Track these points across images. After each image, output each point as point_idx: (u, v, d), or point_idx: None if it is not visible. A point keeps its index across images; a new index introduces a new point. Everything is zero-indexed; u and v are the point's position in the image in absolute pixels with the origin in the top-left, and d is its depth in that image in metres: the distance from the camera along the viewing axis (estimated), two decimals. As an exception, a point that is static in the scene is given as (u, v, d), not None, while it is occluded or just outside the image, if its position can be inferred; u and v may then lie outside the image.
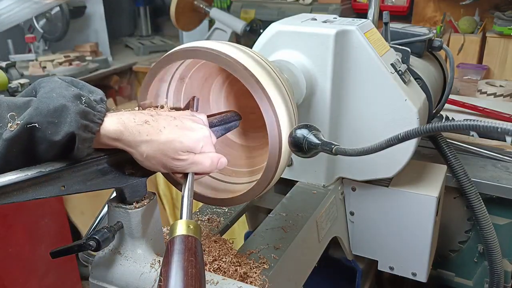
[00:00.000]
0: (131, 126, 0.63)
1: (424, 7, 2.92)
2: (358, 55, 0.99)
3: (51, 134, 0.57)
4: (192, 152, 0.67)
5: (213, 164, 0.70)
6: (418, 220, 1.13)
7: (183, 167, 0.68)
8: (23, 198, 0.58)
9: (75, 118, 0.58)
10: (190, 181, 0.68)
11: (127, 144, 0.64)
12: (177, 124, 0.67)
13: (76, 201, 2.44)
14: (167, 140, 0.65)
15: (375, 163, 1.06)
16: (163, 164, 0.66)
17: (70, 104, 0.58)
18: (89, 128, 0.60)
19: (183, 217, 0.62)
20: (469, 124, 0.51)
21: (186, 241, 0.57)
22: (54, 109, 0.57)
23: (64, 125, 0.57)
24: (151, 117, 0.66)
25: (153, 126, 0.65)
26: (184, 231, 0.58)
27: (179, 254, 0.56)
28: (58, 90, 0.59)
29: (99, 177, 0.67)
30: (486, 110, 1.76)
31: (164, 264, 0.56)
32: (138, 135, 0.64)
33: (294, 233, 0.93)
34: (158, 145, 0.64)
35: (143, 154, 0.65)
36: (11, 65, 2.30)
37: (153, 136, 0.64)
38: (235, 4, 3.13)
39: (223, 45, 0.73)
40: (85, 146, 0.60)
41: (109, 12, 3.26)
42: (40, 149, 0.58)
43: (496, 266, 1.29)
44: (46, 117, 0.57)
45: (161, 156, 0.65)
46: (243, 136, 0.92)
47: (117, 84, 3.12)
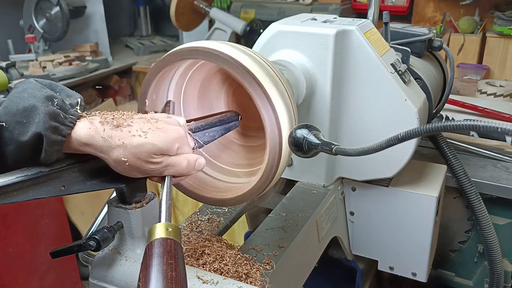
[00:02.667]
0: (102, 131, 0.61)
1: (424, 7, 2.92)
2: (358, 55, 0.99)
3: (19, 134, 0.56)
4: (167, 155, 0.65)
5: (190, 165, 0.68)
6: (418, 220, 1.13)
7: (159, 170, 0.65)
8: (23, 198, 0.58)
9: (43, 118, 0.56)
10: (168, 184, 0.66)
11: (98, 150, 0.62)
12: (150, 127, 0.64)
13: (76, 201, 2.44)
14: (139, 143, 0.62)
15: (375, 163, 1.06)
16: (137, 169, 0.64)
17: (40, 105, 0.57)
18: (58, 130, 0.58)
19: (161, 220, 0.60)
20: (469, 124, 0.51)
21: (165, 244, 0.56)
22: (23, 109, 0.56)
23: (31, 125, 0.56)
24: (123, 121, 0.63)
25: (126, 129, 0.63)
26: (163, 234, 0.57)
27: (158, 257, 0.54)
28: (31, 91, 0.58)
29: (99, 177, 0.67)
30: (486, 110, 1.76)
31: (143, 269, 0.54)
32: (109, 139, 0.61)
33: (294, 233, 0.93)
34: (130, 149, 0.62)
35: (116, 159, 0.62)
36: (11, 65, 2.30)
37: (125, 140, 0.62)
38: (235, 4, 3.13)
39: (223, 45, 0.73)
40: (54, 149, 0.59)
41: (109, 12, 3.26)
42: (8, 150, 0.57)
43: (496, 266, 1.29)
44: (14, 117, 0.56)
45: (135, 160, 0.63)
46: (243, 136, 0.92)
47: (117, 84, 3.12)
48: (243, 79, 0.70)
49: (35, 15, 2.91)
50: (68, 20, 2.86)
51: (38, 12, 2.91)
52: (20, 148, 0.57)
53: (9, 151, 0.57)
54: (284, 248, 0.88)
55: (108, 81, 3.05)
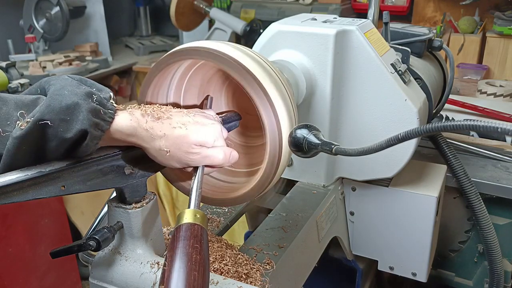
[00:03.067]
0: (144, 122, 0.65)
1: (424, 7, 2.92)
2: (358, 55, 0.99)
3: (63, 131, 0.57)
4: (205, 146, 0.69)
5: (225, 157, 0.71)
6: (418, 220, 1.13)
7: (197, 161, 0.69)
8: (23, 198, 0.58)
9: (87, 116, 0.58)
10: (200, 173, 0.69)
11: (141, 140, 0.65)
12: (189, 120, 0.68)
13: (76, 201, 2.44)
14: (181, 134, 0.66)
15: (375, 163, 1.06)
16: (177, 159, 0.68)
17: (82, 102, 0.58)
18: (100, 126, 0.60)
19: (191, 207, 0.63)
20: (469, 124, 0.51)
21: (192, 229, 0.58)
22: (67, 107, 0.57)
23: (76, 122, 0.58)
24: (163, 114, 0.67)
25: (166, 122, 0.66)
26: (191, 220, 0.59)
27: (185, 240, 0.56)
28: (70, 88, 0.59)
29: (99, 177, 0.67)
30: (486, 110, 1.76)
31: (169, 249, 0.56)
32: (152, 130, 0.65)
33: (294, 233, 0.93)
34: (172, 140, 0.66)
35: (158, 149, 0.66)
36: (11, 65, 2.30)
37: (167, 131, 0.66)
38: (235, 4, 3.13)
39: (223, 45, 0.73)
40: (94, 143, 0.61)
41: (109, 12, 3.26)
42: (50, 146, 0.58)
43: (496, 266, 1.29)
44: (58, 114, 0.57)
45: (175, 151, 0.66)
46: (243, 136, 0.92)
47: (117, 84, 3.12)
48: (243, 80, 0.70)
49: (35, 15, 2.91)
50: (68, 20, 2.86)
51: (38, 12, 2.91)
52: (62, 144, 0.58)
53: (50, 147, 0.58)
54: (284, 248, 0.88)
55: (108, 81, 3.05)
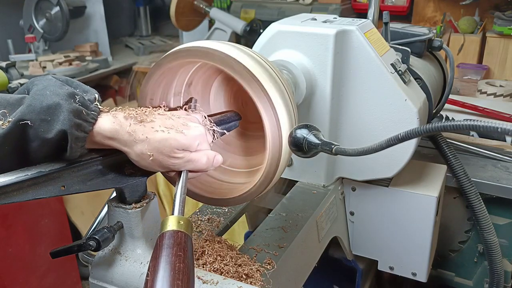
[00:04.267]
0: (127, 125, 0.64)
1: (424, 7, 2.92)
2: (358, 55, 0.99)
3: (44, 131, 0.57)
4: (187, 150, 0.67)
5: (209, 161, 0.70)
6: (418, 220, 1.13)
7: (179, 165, 0.68)
8: (23, 198, 0.58)
9: (68, 116, 0.58)
10: (184, 179, 0.68)
11: (122, 143, 0.64)
12: (172, 123, 0.67)
13: (76, 201, 2.44)
14: (163, 138, 0.65)
15: (375, 163, 1.06)
16: (159, 163, 0.66)
17: (64, 102, 0.58)
18: (82, 127, 0.60)
19: (174, 213, 0.62)
20: (469, 124, 0.51)
21: (175, 236, 0.57)
22: (47, 107, 0.57)
23: (56, 123, 0.57)
24: (146, 117, 0.66)
25: (149, 125, 0.65)
26: (174, 227, 0.59)
27: (168, 248, 0.56)
28: (52, 88, 0.59)
29: (99, 177, 0.67)
30: (486, 110, 1.76)
31: (152, 258, 0.56)
32: (134, 134, 0.64)
33: (294, 233, 0.93)
34: (154, 144, 0.64)
35: (139, 153, 0.65)
36: (11, 65, 2.30)
37: (149, 135, 0.64)
38: (235, 4, 3.13)
39: (223, 45, 0.73)
40: (78, 145, 0.60)
41: (109, 12, 3.26)
42: (32, 147, 0.58)
43: (496, 266, 1.29)
44: (39, 115, 0.57)
45: (157, 155, 0.65)
46: (243, 136, 0.92)
47: (117, 84, 3.12)
48: (243, 79, 0.70)
49: (35, 15, 2.91)
50: (68, 20, 2.86)
51: (38, 12, 2.91)
52: (44, 145, 0.58)
53: (32, 148, 0.58)
54: (284, 248, 0.88)
55: (108, 81, 3.05)
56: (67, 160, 0.62)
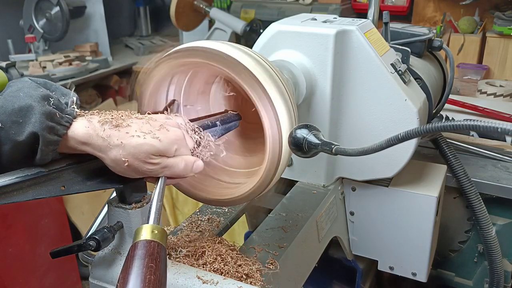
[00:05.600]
0: (101, 130, 0.61)
1: (424, 7, 2.92)
2: (358, 55, 0.99)
3: (15, 134, 0.56)
4: (164, 156, 0.65)
5: (187, 167, 0.68)
6: (418, 220, 1.13)
7: (156, 171, 0.65)
8: (23, 198, 0.58)
9: (40, 118, 0.56)
10: (161, 185, 0.66)
11: (96, 149, 0.62)
12: (149, 128, 0.65)
13: (76, 201, 2.44)
14: (138, 143, 0.62)
15: (375, 163, 1.06)
16: (135, 169, 0.64)
17: (36, 104, 0.57)
18: (54, 130, 0.58)
19: (149, 222, 0.60)
20: (469, 124, 0.51)
21: (148, 247, 0.56)
22: (19, 108, 0.56)
23: (28, 125, 0.56)
24: (122, 121, 0.64)
25: (124, 130, 0.63)
26: (148, 236, 0.57)
27: (139, 259, 0.54)
28: (26, 90, 0.58)
29: (99, 177, 0.67)
30: (486, 110, 1.76)
31: (123, 270, 0.54)
32: (108, 139, 0.61)
33: (294, 233, 0.93)
34: (129, 150, 0.62)
35: (114, 159, 0.62)
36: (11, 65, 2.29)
37: (124, 140, 0.62)
38: (235, 4, 3.13)
39: (223, 45, 0.72)
40: (50, 149, 0.59)
41: (109, 12, 3.26)
42: (4, 150, 0.57)
43: (496, 266, 1.29)
44: (10, 116, 0.56)
45: (133, 160, 0.63)
46: (243, 136, 0.92)
47: (117, 84, 3.12)
48: (243, 80, 0.70)
49: (35, 15, 2.91)
50: (68, 20, 2.86)
51: (38, 12, 2.91)
52: (16, 147, 0.57)
53: (4, 151, 0.57)
54: (284, 248, 0.88)
55: (108, 81, 3.05)
56: (38, 165, 0.60)
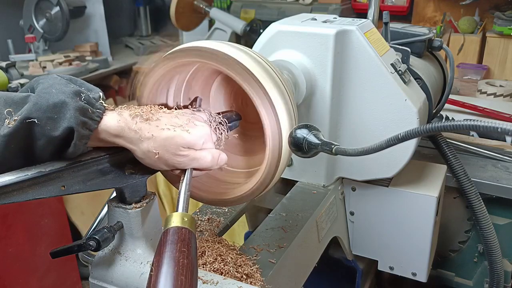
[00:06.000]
0: (133, 123, 0.64)
1: (424, 7, 2.92)
2: (358, 55, 0.99)
3: (50, 129, 0.57)
4: (193, 149, 0.68)
5: (214, 159, 0.70)
6: (418, 220, 1.13)
7: (185, 163, 0.68)
8: (23, 198, 0.58)
9: (74, 114, 0.58)
10: (189, 176, 0.69)
11: (128, 141, 0.65)
12: (178, 121, 0.68)
13: (76, 201, 2.44)
14: (168, 136, 0.65)
15: (375, 163, 1.06)
16: (165, 161, 0.67)
17: (70, 100, 0.59)
18: (87, 125, 0.60)
19: (178, 210, 0.63)
20: (469, 124, 0.51)
21: (179, 233, 0.58)
22: (54, 105, 0.58)
23: (63, 120, 0.58)
24: (152, 115, 0.66)
25: (154, 123, 0.65)
26: (179, 223, 0.59)
27: (172, 244, 0.56)
28: (58, 86, 0.60)
29: (99, 177, 0.67)
30: (486, 110, 1.76)
31: (157, 254, 0.56)
32: (140, 132, 0.64)
33: (294, 233, 0.93)
34: (159, 142, 0.65)
35: (145, 151, 0.65)
36: (11, 65, 2.29)
37: (155, 132, 0.65)
38: (235, 4, 3.13)
39: (223, 45, 0.73)
40: (82, 143, 0.61)
41: (109, 12, 3.26)
42: (38, 144, 0.58)
43: (496, 266, 1.29)
44: (45, 113, 0.57)
45: (163, 153, 0.65)
46: (243, 136, 0.92)
47: (117, 84, 3.12)
48: (243, 80, 0.70)
49: (35, 15, 2.91)
50: (68, 20, 2.86)
51: (38, 12, 2.91)
52: (50, 142, 0.58)
53: (39, 145, 0.58)
54: (284, 248, 0.88)
55: (108, 81, 3.05)
56: (68, 158, 0.62)
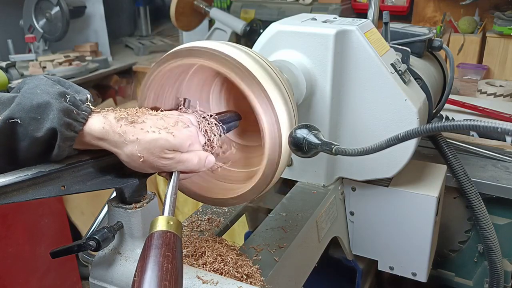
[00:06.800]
0: (117, 126, 0.63)
1: (424, 7, 2.92)
2: (358, 55, 0.99)
3: (33, 130, 0.57)
4: (178, 151, 0.67)
5: (200, 162, 0.69)
6: (418, 220, 1.13)
7: (170, 166, 0.67)
8: (23, 198, 0.58)
9: (58, 115, 0.57)
10: (175, 179, 0.68)
11: (112, 144, 0.63)
12: (163, 124, 0.66)
13: (76, 201, 2.44)
14: (153, 139, 0.64)
15: (375, 163, 1.06)
16: (150, 164, 0.65)
17: (54, 101, 0.58)
18: (72, 126, 0.59)
19: (164, 213, 0.62)
20: (469, 124, 0.51)
21: (164, 237, 0.57)
22: (37, 105, 0.57)
23: (46, 121, 0.57)
24: (137, 118, 0.65)
25: (139, 126, 0.64)
26: (164, 227, 0.58)
27: (156, 249, 0.55)
28: (43, 87, 0.59)
29: (99, 177, 0.67)
30: (486, 110, 1.76)
31: (140, 259, 0.55)
32: (124, 135, 0.63)
33: (294, 233, 0.93)
34: (144, 145, 0.63)
35: (129, 154, 0.64)
36: (11, 65, 2.30)
37: (139, 135, 0.63)
38: (235, 4, 3.13)
39: (222, 45, 0.73)
40: (66, 145, 0.60)
41: (109, 12, 3.26)
42: (21, 146, 0.58)
43: (496, 266, 1.29)
44: (28, 113, 0.57)
45: (148, 156, 0.64)
46: (242, 136, 0.92)
47: (117, 84, 3.12)
48: (243, 80, 0.70)
49: (35, 15, 2.91)
50: (68, 20, 2.86)
51: (38, 12, 2.91)
52: (33, 143, 0.58)
53: (22, 147, 0.58)
54: (284, 248, 0.88)
55: (108, 81, 3.05)
56: (54, 161, 0.61)
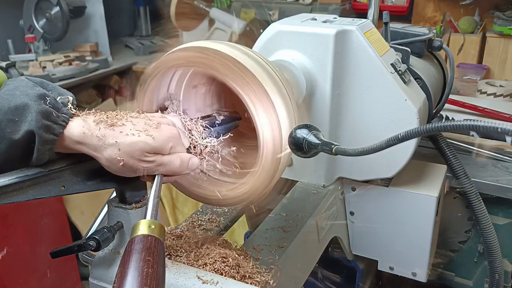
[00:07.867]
0: (96, 129, 0.62)
1: (424, 7, 2.92)
2: (358, 55, 0.99)
3: (10, 132, 0.56)
4: (160, 154, 0.66)
5: (183, 164, 0.68)
6: (418, 220, 1.13)
7: (152, 169, 0.65)
8: (23, 198, 0.58)
9: (36, 117, 0.56)
10: (158, 183, 0.66)
11: (92, 148, 0.62)
12: (143, 126, 0.65)
13: (76, 201, 2.44)
14: (133, 142, 0.62)
15: (375, 163, 1.06)
16: (130, 167, 0.64)
17: (32, 103, 0.57)
18: (51, 129, 0.58)
19: (146, 217, 0.61)
20: (469, 124, 0.51)
21: (145, 241, 0.56)
22: (15, 107, 0.56)
23: (24, 123, 0.56)
24: (117, 120, 0.64)
25: (119, 129, 0.63)
26: (145, 231, 0.57)
27: (136, 254, 0.54)
28: (22, 89, 0.58)
29: (99, 177, 0.67)
30: (486, 110, 1.76)
31: (121, 265, 0.54)
32: (103, 138, 0.61)
33: (294, 233, 0.93)
34: (123, 148, 0.62)
35: (109, 158, 0.62)
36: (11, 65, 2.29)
37: (119, 139, 0.62)
38: (235, 4, 3.13)
39: (222, 45, 0.73)
40: (46, 148, 0.59)
41: (109, 12, 3.26)
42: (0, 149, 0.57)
43: (496, 266, 1.29)
44: (5, 115, 0.56)
45: (128, 159, 0.63)
46: (242, 136, 0.92)
47: (117, 84, 3.12)
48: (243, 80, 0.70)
49: (35, 15, 2.91)
50: (68, 20, 2.86)
51: (38, 12, 2.91)
52: (12, 146, 0.57)
53: (0, 150, 0.57)
54: (284, 248, 0.88)
55: (108, 81, 3.05)
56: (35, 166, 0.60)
